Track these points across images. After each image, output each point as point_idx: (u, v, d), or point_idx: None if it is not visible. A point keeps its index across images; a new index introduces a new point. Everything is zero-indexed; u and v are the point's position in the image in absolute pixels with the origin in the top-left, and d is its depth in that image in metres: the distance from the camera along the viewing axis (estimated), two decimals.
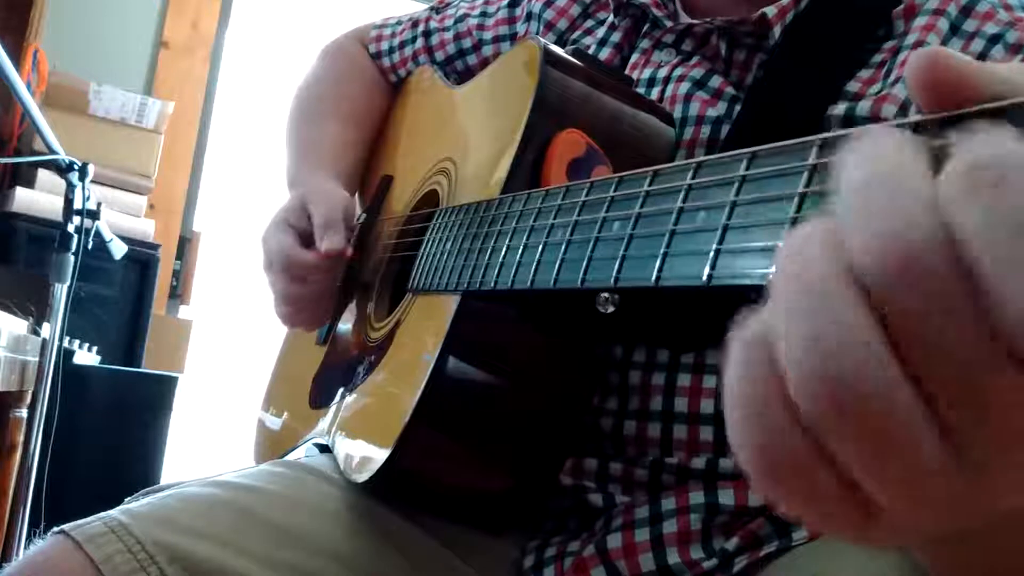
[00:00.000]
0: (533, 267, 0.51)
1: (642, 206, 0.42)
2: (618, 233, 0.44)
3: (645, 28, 0.77)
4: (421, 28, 0.98)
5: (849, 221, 0.23)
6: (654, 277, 0.39)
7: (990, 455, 0.23)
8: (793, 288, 0.23)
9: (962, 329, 0.22)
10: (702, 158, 0.39)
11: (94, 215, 1.70)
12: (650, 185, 0.42)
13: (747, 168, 0.35)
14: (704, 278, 0.36)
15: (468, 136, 0.79)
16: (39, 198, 2.27)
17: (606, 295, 0.50)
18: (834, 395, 0.22)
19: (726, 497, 0.61)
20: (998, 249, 0.21)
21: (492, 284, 0.56)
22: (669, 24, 0.74)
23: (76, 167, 1.65)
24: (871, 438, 0.22)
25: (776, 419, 0.24)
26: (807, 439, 0.23)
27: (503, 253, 0.56)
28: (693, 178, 0.39)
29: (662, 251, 0.39)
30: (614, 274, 0.43)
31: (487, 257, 0.58)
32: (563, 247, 0.49)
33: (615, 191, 0.46)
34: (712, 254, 0.35)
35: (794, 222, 0.31)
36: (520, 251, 0.53)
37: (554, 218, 0.51)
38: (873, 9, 0.68)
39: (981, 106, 0.25)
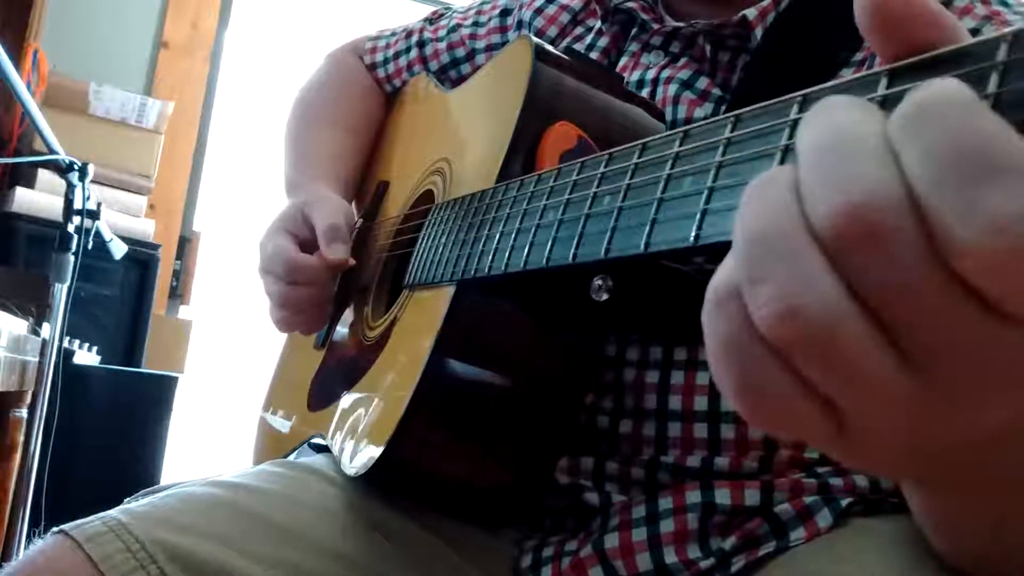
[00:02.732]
0: (526, 249, 0.51)
1: (631, 178, 0.43)
2: (608, 207, 0.44)
3: (633, 32, 0.78)
4: (415, 39, 1.00)
5: (809, 181, 0.26)
6: (643, 244, 0.40)
7: (933, 363, 0.25)
8: (755, 238, 0.26)
9: (911, 265, 0.24)
10: (688, 127, 0.39)
11: (94, 215, 1.70)
12: (639, 158, 0.43)
13: (732, 131, 0.36)
14: (692, 239, 0.36)
15: (462, 135, 0.80)
16: (39, 198, 2.27)
17: (599, 282, 0.50)
18: (794, 331, 0.25)
19: (723, 496, 0.61)
20: (942, 188, 0.23)
21: (487, 270, 0.56)
22: (656, 27, 0.75)
23: (76, 167, 1.65)
24: (830, 364, 0.25)
25: (751, 353, 0.27)
26: (779, 365, 0.26)
27: (497, 239, 0.56)
28: (680, 147, 0.39)
29: (651, 218, 0.40)
30: (604, 246, 0.43)
31: (481, 245, 0.58)
32: (555, 227, 0.49)
33: (605, 167, 0.46)
34: (699, 216, 0.36)
35: None
36: (513, 235, 0.54)
37: (546, 200, 0.51)
38: (852, 8, 0.68)
39: (938, 52, 0.27)
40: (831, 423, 0.27)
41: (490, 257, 0.56)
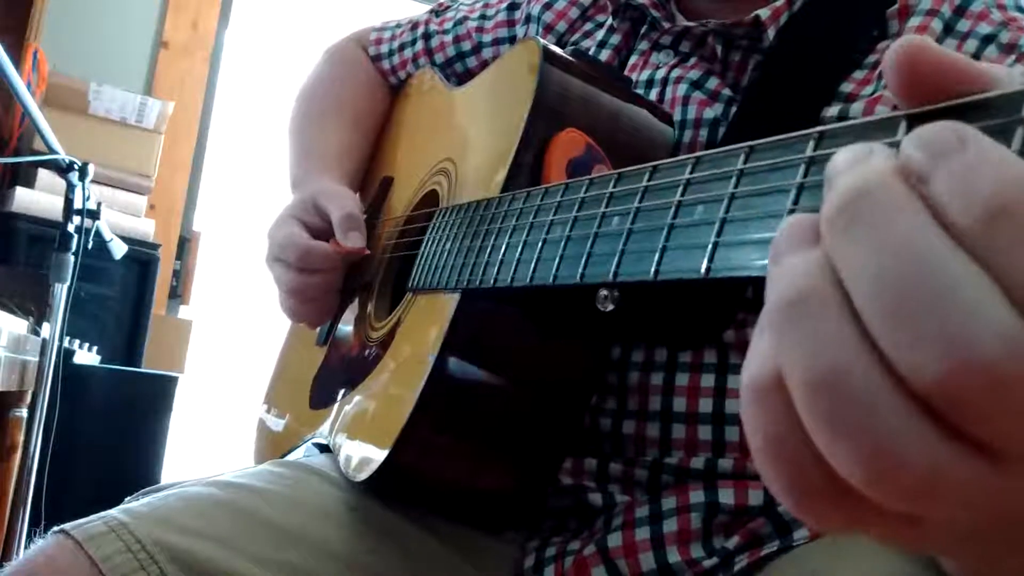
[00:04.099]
0: (532, 264, 0.51)
1: (641, 201, 0.42)
2: (617, 228, 0.44)
3: (643, 30, 0.78)
4: (421, 31, 0.99)
5: (890, 331, 0.22)
6: (653, 271, 0.39)
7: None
8: (821, 379, 0.23)
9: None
10: (700, 153, 0.39)
11: (94, 215, 1.70)
12: (649, 180, 0.42)
13: (745, 162, 0.35)
14: (702, 271, 0.36)
15: (468, 136, 0.79)
16: (39, 198, 2.27)
17: (605, 293, 0.50)
18: (881, 489, 0.23)
19: (726, 496, 0.61)
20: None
21: (492, 282, 0.56)
22: (667, 26, 0.75)
23: (76, 167, 1.65)
24: (905, 497, 0.23)
25: (801, 454, 0.24)
26: (830, 472, 0.24)
27: (503, 251, 0.56)
28: (691, 173, 0.39)
29: (660, 245, 0.39)
30: (613, 269, 0.43)
31: (487, 255, 0.58)
32: (562, 243, 0.49)
33: (614, 187, 0.46)
34: (710, 247, 0.36)
35: (791, 213, 0.32)
36: (520, 248, 0.54)
37: (553, 215, 0.51)
38: (867, 10, 0.68)
39: (963, 100, 0.25)
40: (883, 520, 0.25)
41: (496, 269, 0.56)
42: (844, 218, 0.23)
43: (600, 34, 0.81)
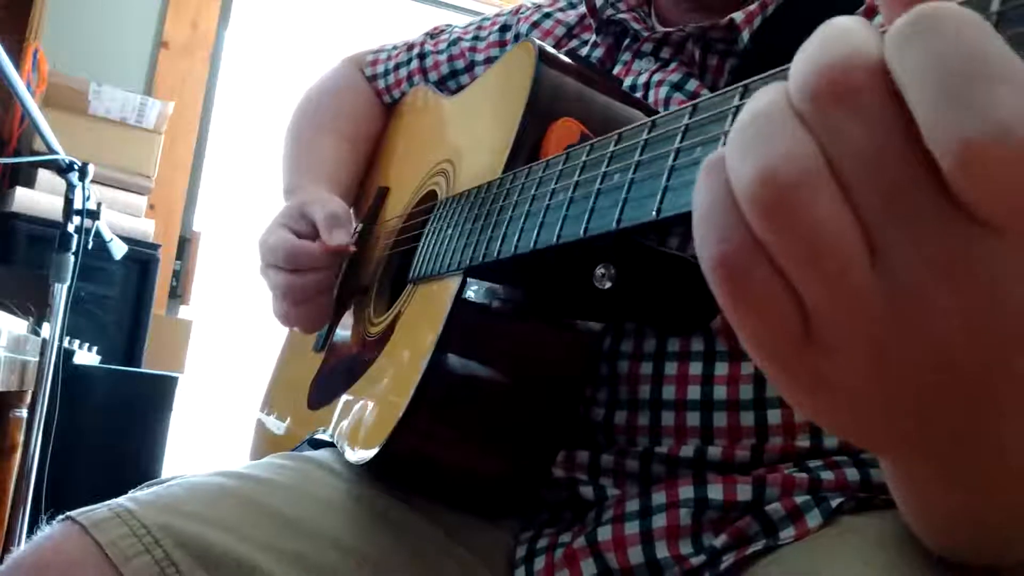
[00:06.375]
0: (536, 230, 0.52)
1: (641, 153, 0.43)
2: (619, 182, 0.45)
3: (626, 42, 0.80)
4: (416, 51, 1.02)
5: (794, 67, 0.27)
6: (655, 211, 0.40)
7: (912, 278, 0.25)
8: (742, 117, 0.27)
9: (884, 141, 0.24)
10: (698, 100, 0.39)
11: (94, 215, 1.70)
12: (648, 134, 0.43)
13: (741, 99, 0.36)
14: None
15: (465, 136, 0.80)
16: (39, 198, 2.27)
17: (603, 271, 0.50)
18: (765, 196, 0.25)
19: (715, 492, 0.61)
20: (927, 87, 0.23)
21: (495, 255, 0.56)
22: (647, 34, 0.77)
23: (76, 167, 1.65)
24: (799, 238, 0.25)
25: (726, 222, 0.27)
26: (752, 235, 0.26)
27: (506, 224, 0.56)
28: (690, 119, 0.40)
29: (662, 187, 0.40)
30: (616, 217, 0.44)
31: (490, 231, 0.58)
32: (565, 205, 0.49)
33: (615, 146, 0.46)
34: None
35: None
36: (523, 219, 0.54)
37: (555, 183, 0.52)
38: (837, 11, 0.69)
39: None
40: (797, 319, 0.27)
41: (499, 242, 0.56)
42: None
43: (585, 50, 0.84)
